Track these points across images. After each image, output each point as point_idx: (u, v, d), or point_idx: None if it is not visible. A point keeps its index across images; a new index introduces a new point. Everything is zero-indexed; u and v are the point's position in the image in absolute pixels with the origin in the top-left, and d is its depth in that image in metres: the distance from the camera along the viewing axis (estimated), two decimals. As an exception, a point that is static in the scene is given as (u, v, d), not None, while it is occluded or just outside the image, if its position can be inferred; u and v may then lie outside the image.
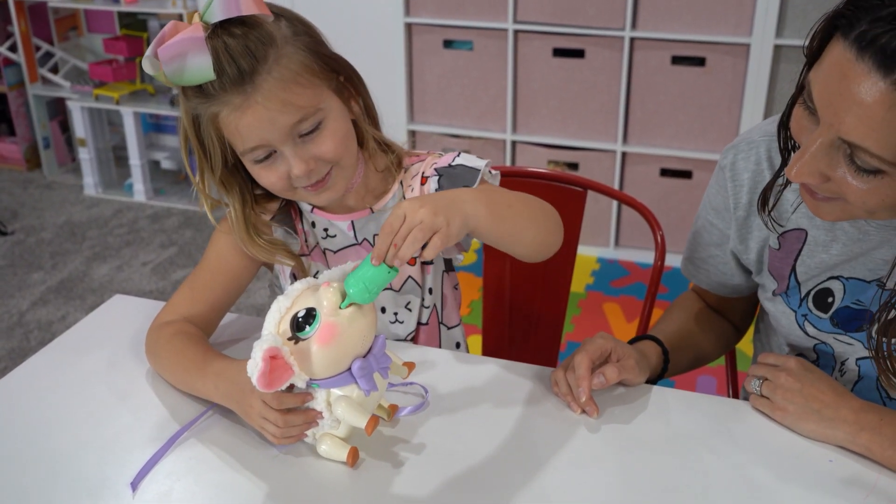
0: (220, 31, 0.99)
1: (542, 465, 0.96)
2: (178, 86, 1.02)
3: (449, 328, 1.30)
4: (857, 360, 1.06)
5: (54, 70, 3.80)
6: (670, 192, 3.02)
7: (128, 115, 3.53)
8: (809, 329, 1.08)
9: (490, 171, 1.17)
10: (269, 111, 1.01)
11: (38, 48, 3.76)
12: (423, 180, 1.17)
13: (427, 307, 1.25)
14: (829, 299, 1.05)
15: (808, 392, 0.99)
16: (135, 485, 0.93)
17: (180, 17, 3.41)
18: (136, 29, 3.64)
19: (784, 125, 0.95)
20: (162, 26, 3.73)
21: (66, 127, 3.96)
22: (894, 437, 0.95)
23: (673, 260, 3.05)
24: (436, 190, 1.14)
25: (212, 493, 0.93)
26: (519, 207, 1.05)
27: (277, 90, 1.01)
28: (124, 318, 1.25)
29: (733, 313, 1.29)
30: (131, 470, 0.95)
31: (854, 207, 0.86)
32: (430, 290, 1.24)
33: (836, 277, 1.04)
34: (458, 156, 1.17)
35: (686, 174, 2.99)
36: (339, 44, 1.15)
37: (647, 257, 3.06)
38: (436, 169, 1.16)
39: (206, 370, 1.04)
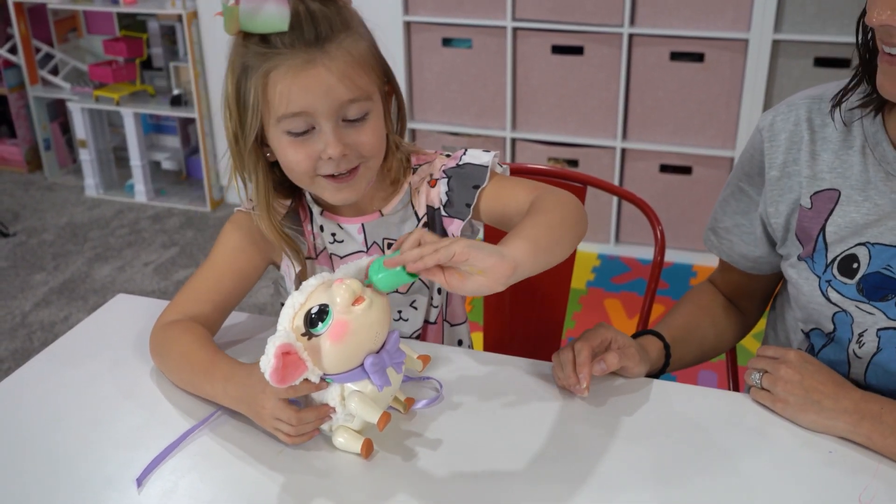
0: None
1: (546, 457, 0.97)
2: (245, 31, 1.01)
3: (452, 325, 1.30)
4: (879, 330, 1.05)
5: (54, 72, 3.81)
6: (670, 187, 3.03)
7: (128, 115, 3.54)
8: (833, 295, 1.07)
9: (500, 165, 1.17)
10: (331, 77, 1.01)
11: (38, 50, 3.77)
12: (433, 182, 1.16)
13: (436, 306, 1.24)
14: (855, 265, 1.05)
15: (809, 384, 0.99)
16: (140, 481, 0.94)
17: (179, 18, 3.42)
18: (135, 30, 3.65)
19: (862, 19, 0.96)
20: (161, 27, 3.74)
21: (66, 128, 3.96)
22: (894, 426, 0.95)
23: (673, 255, 3.06)
24: (446, 192, 1.15)
25: (216, 489, 0.94)
26: (559, 230, 1.02)
27: (343, 62, 1.02)
28: (127, 318, 1.26)
29: (749, 300, 1.28)
30: (136, 468, 0.96)
31: None
32: (439, 290, 1.24)
33: (863, 244, 1.04)
34: (465, 153, 1.17)
35: (686, 170, 2.99)
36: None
37: (648, 253, 3.07)
38: (444, 171, 1.16)
39: (214, 373, 1.03)
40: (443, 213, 1.16)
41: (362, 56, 1.05)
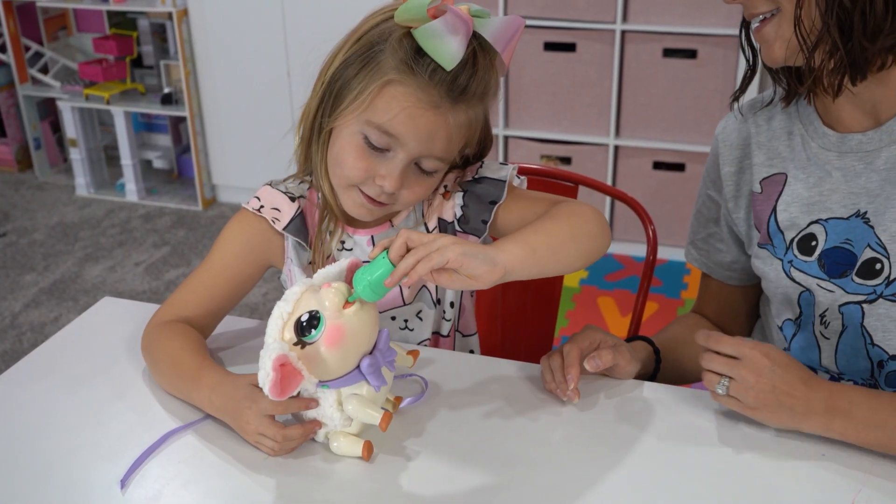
0: (480, 48, 1.00)
1: (540, 459, 0.97)
2: (413, 33, 0.98)
3: (465, 336, 1.27)
4: (840, 306, 1.06)
5: (44, 70, 3.78)
6: (663, 184, 3.02)
7: (118, 114, 3.52)
8: (796, 275, 1.09)
9: (517, 177, 1.15)
10: (441, 130, 1.01)
11: (27, 48, 3.75)
12: (447, 195, 1.14)
13: (448, 320, 1.22)
14: (813, 243, 1.07)
15: (780, 389, 0.95)
16: (124, 482, 0.93)
17: (170, 16, 3.40)
18: (125, 28, 3.63)
19: (745, 24, 1.08)
20: (151, 25, 3.72)
21: (56, 127, 3.94)
22: (865, 419, 0.94)
23: (666, 253, 3.06)
24: (461, 207, 1.13)
25: (201, 496, 0.93)
26: (559, 240, 1.02)
27: (458, 124, 1.03)
28: (113, 321, 1.25)
29: (733, 320, 1.29)
30: (121, 472, 0.94)
31: (786, 16, 0.97)
32: (452, 304, 1.21)
33: (817, 222, 1.07)
34: (482, 166, 1.14)
35: (679, 167, 2.99)
36: (332, 42, 1.13)
37: (642, 250, 3.06)
38: (459, 184, 1.14)
39: (201, 382, 1.02)
40: (457, 228, 1.14)
41: (474, 125, 1.06)
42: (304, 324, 0.90)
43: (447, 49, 0.96)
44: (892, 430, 0.94)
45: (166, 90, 3.51)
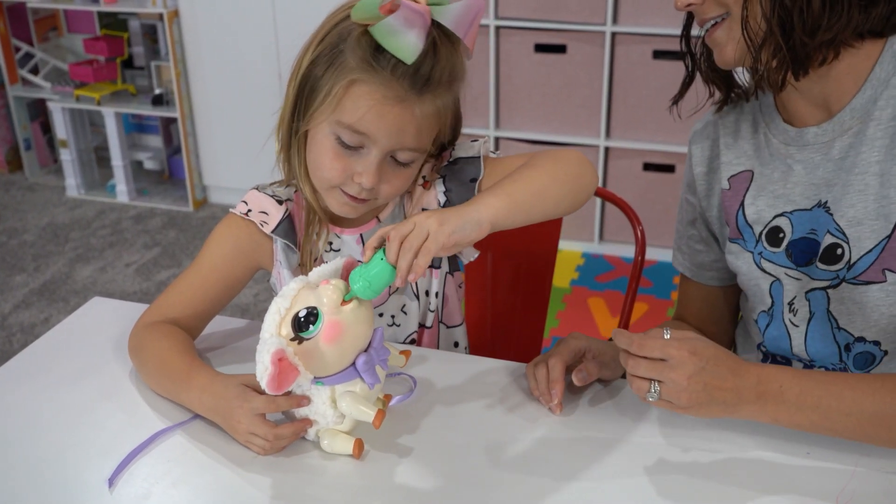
0: (440, 35, 0.99)
1: (531, 456, 0.97)
2: (370, 31, 0.97)
3: (449, 327, 1.28)
4: (807, 293, 1.09)
5: (34, 71, 3.77)
6: (653, 186, 3.03)
7: (109, 115, 3.51)
8: (766, 265, 1.12)
9: (492, 153, 1.16)
10: (410, 122, 1.01)
11: (17, 49, 3.74)
12: (426, 185, 1.15)
13: (432, 311, 1.23)
14: (781, 235, 1.10)
15: (711, 385, 0.92)
16: (111, 481, 0.93)
17: (160, 17, 3.39)
18: (116, 29, 3.62)
19: (685, 33, 1.13)
20: (142, 26, 3.71)
21: (47, 128, 3.93)
22: (798, 401, 0.93)
23: (656, 254, 3.07)
24: (444, 193, 1.13)
25: (191, 495, 0.93)
26: (541, 183, 1.04)
27: (426, 114, 1.03)
28: (103, 321, 1.25)
29: (716, 325, 1.30)
30: (111, 471, 0.95)
31: (735, 19, 0.99)
32: (437, 294, 1.22)
33: (782, 215, 1.10)
34: (453, 149, 1.16)
35: (669, 168, 3.00)
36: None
37: (632, 252, 3.06)
38: (437, 171, 1.15)
39: (191, 383, 1.02)
40: None
41: (443, 112, 1.06)
42: (302, 319, 0.91)
43: (405, 44, 0.96)
44: (825, 410, 0.93)
45: (157, 91, 3.51)
